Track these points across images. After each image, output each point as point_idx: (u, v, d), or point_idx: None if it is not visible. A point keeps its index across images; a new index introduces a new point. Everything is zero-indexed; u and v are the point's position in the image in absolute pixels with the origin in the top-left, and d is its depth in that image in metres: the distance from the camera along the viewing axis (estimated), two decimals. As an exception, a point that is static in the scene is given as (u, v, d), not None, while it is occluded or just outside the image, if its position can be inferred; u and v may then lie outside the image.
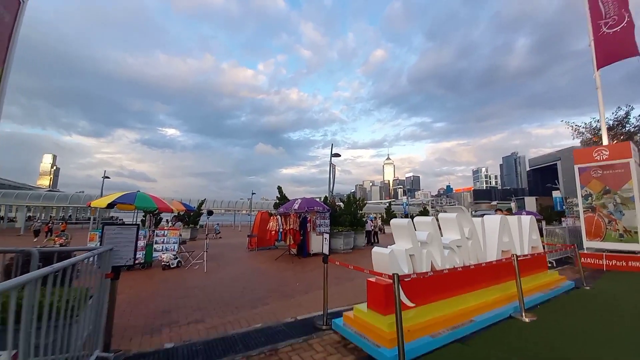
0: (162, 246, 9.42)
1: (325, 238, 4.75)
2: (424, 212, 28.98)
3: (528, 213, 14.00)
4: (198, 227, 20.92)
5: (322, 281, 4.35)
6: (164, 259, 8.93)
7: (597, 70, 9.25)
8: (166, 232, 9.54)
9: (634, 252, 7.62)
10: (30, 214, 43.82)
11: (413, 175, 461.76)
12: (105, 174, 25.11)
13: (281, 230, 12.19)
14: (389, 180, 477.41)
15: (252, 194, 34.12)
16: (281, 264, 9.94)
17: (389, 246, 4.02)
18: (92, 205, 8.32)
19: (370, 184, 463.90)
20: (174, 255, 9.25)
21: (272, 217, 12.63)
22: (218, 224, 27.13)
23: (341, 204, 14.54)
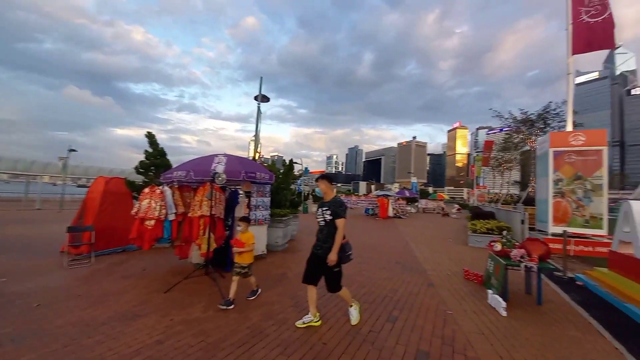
0: None
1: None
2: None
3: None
4: None
5: None
6: None
7: (572, 55, 9.03)
8: None
9: (598, 239, 7.69)
10: None
11: (277, 155, 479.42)
12: None
13: (172, 217, 5.79)
14: (253, 157, 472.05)
15: (70, 150, 20.67)
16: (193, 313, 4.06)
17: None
18: None
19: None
20: None
21: (147, 191, 5.81)
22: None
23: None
